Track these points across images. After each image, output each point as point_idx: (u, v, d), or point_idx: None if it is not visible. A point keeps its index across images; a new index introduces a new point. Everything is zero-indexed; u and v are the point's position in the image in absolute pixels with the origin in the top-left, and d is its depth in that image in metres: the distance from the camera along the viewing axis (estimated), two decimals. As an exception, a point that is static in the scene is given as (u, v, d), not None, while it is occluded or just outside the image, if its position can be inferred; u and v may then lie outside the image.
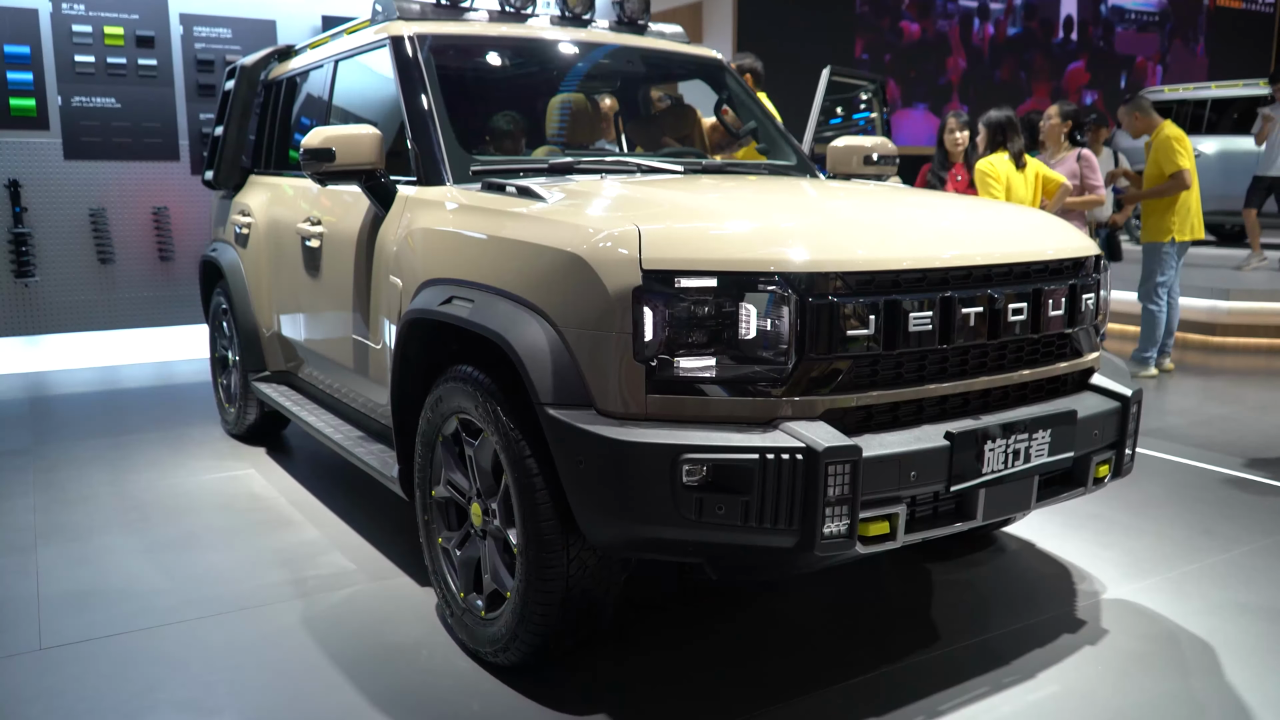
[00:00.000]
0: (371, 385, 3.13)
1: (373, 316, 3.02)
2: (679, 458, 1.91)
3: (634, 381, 2.00)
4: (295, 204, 3.82)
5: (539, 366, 2.08)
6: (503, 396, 2.25)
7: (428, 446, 2.62)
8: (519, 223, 2.35)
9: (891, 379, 2.12)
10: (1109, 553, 3.26)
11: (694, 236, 2.07)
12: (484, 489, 2.44)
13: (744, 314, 1.97)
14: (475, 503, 2.49)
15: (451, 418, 2.50)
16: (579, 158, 3.07)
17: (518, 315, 2.18)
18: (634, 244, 2.01)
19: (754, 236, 2.09)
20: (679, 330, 1.98)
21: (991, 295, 2.20)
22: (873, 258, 2.08)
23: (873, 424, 2.11)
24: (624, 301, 1.99)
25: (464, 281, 2.44)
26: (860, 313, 2.02)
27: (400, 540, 3.30)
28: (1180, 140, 5.88)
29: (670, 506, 1.93)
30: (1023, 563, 3.16)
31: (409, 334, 2.63)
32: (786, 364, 1.98)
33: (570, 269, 2.09)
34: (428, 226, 2.69)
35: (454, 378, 2.44)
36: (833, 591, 2.96)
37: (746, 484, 1.90)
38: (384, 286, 2.91)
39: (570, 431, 2.02)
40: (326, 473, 4.12)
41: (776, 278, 1.97)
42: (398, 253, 2.83)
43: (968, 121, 5.70)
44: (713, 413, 2.00)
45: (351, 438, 3.29)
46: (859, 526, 1.96)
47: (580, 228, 2.15)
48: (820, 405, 2.02)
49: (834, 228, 2.20)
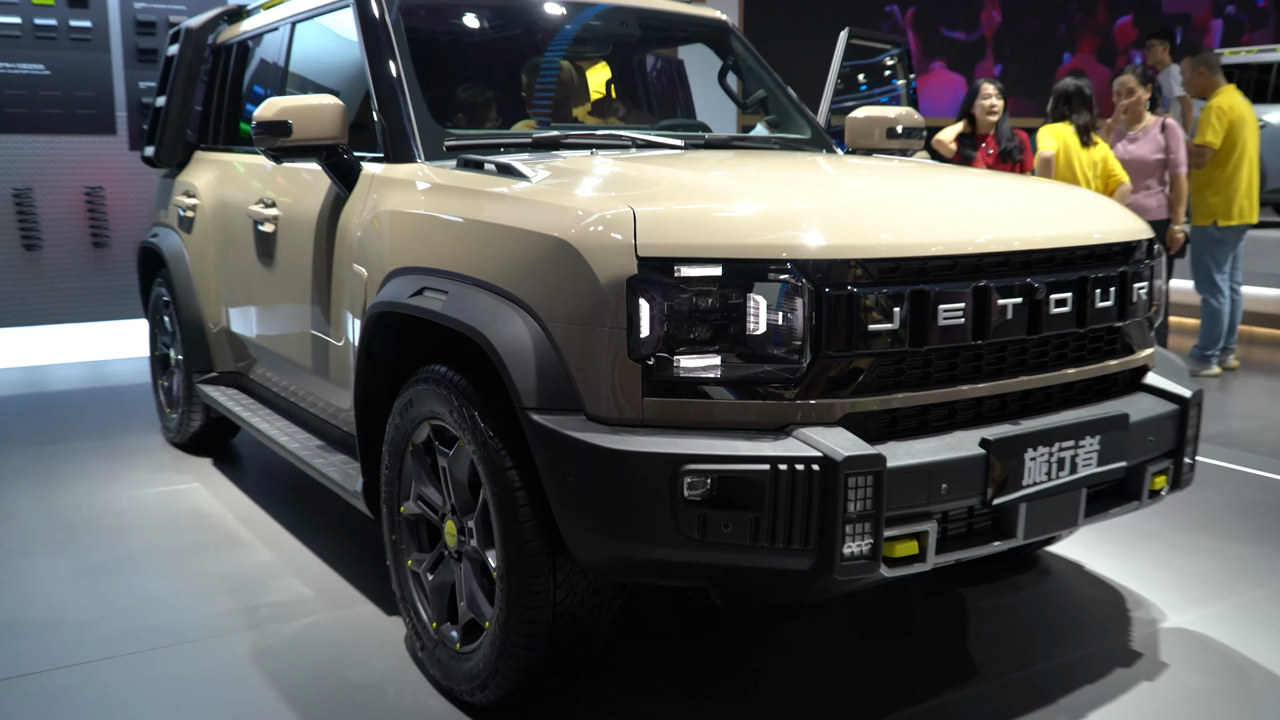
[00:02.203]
0: (332, 387, 3.13)
1: (334, 310, 3.03)
2: (680, 469, 1.91)
3: (629, 383, 2.01)
4: (247, 183, 3.81)
5: (521, 366, 2.09)
6: (481, 400, 2.25)
7: (396, 457, 2.62)
8: (499, 204, 2.36)
9: (919, 379, 2.12)
10: (1167, 575, 3.26)
11: (696, 219, 2.08)
12: (459, 505, 2.44)
13: (752, 306, 1.98)
14: (449, 520, 2.49)
15: (423, 424, 2.50)
16: (566, 131, 3.07)
17: (497, 309, 2.18)
18: (628, 228, 2.01)
19: (763, 219, 2.10)
20: (679, 325, 1.98)
21: (1032, 284, 2.20)
22: (897, 242, 2.08)
23: (898, 430, 2.11)
24: (617, 292, 1.99)
25: (437, 270, 2.44)
26: (883, 304, 2.03)
27: (365, 563, 3.31)
28: (1225, 112, 5.87)
29: (670, 524, 1.94)
30: (1070, 587, 3.16)
31: (375, 329, 2.63)
32: (800, 363, 1.99)
33: (557, 256, 2.09)
34: (396, 209, 2.69)
35: (426, 379, 2.44)
36: (854, 621, 2.96)
37: (756, 499, 1.90)
38: (347, 276, 2.91)
39: (557, 439, 2.02)
40: (281, 487, 4.12)
41: (789, 265, 1.97)
42: (362, 238, 2.83)
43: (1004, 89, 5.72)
44: (718, 418, 2.00)
45: (310, 447, 3.29)
46: (883, 546, 1.96)
47: (568, 210, 2.16)
48: (839, 409, 2.02)
49: (853, 209, 2.21)
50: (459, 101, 3.36)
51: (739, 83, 3.86)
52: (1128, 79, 5.89)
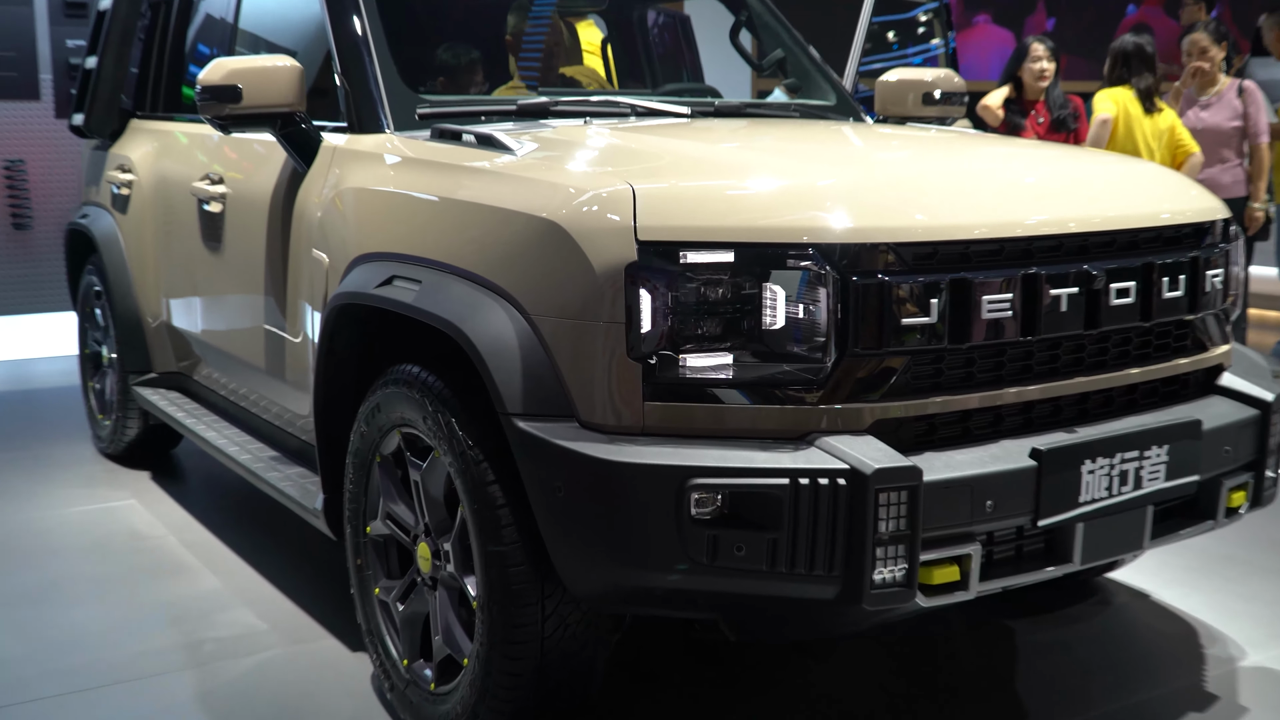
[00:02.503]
0: (289, 390, 3.13)
1: (290, 302, 3.03)
2: (686, 484, 1.93)
3: (628, 385, 2.02)
4: (190, 157, 3.81)
5: (505, 366, 2.09)
6: (459, 405, 2.26)
7: (361, 470, 2.63)
8: (479, 181, 2.37)
9: (960, 381, 2.12)
10: (1247, 606, 3.24)
11: (704, 198, 2.09)
12: (434, 525, 2.45)
13: (769, 297, 1.99)
14: (423, 543, 2.49)
15: (392, 432, 2.51)
16: (556, 97, 3.08)
17: (477, 300, 2.19)
18: (627, 208, 2.02)
19: (781, 197, 2.11)
20: (685, 319, 1.99)
21: (1089, 271, 2.20)
22: (935, 223, 2.09)
23: (936, 439, 2.12)
24: (614, 282, 2.01)
25: (408, 257, 2.45)
26: (919, 295, 2.03)
27: (326, 592, 3.30)
28: None
29: (675, 547, 1.95)
30: (1135, 619, 3.15)
31: (337, 324, 2.64)
32: (824, 362, 2.00)
33: (545, 241, 2.10)
34: (361, 186, 2.70)
35: (395, 381, 2.44)
36: (886, 658, 2.94)
37: (773, 517, 1.91)
38: (305, 263, 2.91)
39: (545, 450, 2.03)
40: (230, 504, 4.11)
41: (810, 250, 1.98)
42: (323, 220, 2.83)
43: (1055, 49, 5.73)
44: (729, 425, 2.01)
45: (263, 458, 3.29)
46: (920, 572, 1.96)
47: (558, 187, 2.17)
48: (868, 415, 2.03)
49: (884, 185, 2.22)
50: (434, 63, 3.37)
51: (753, 41, 3.87)
52: (1199, 36, 5.87)
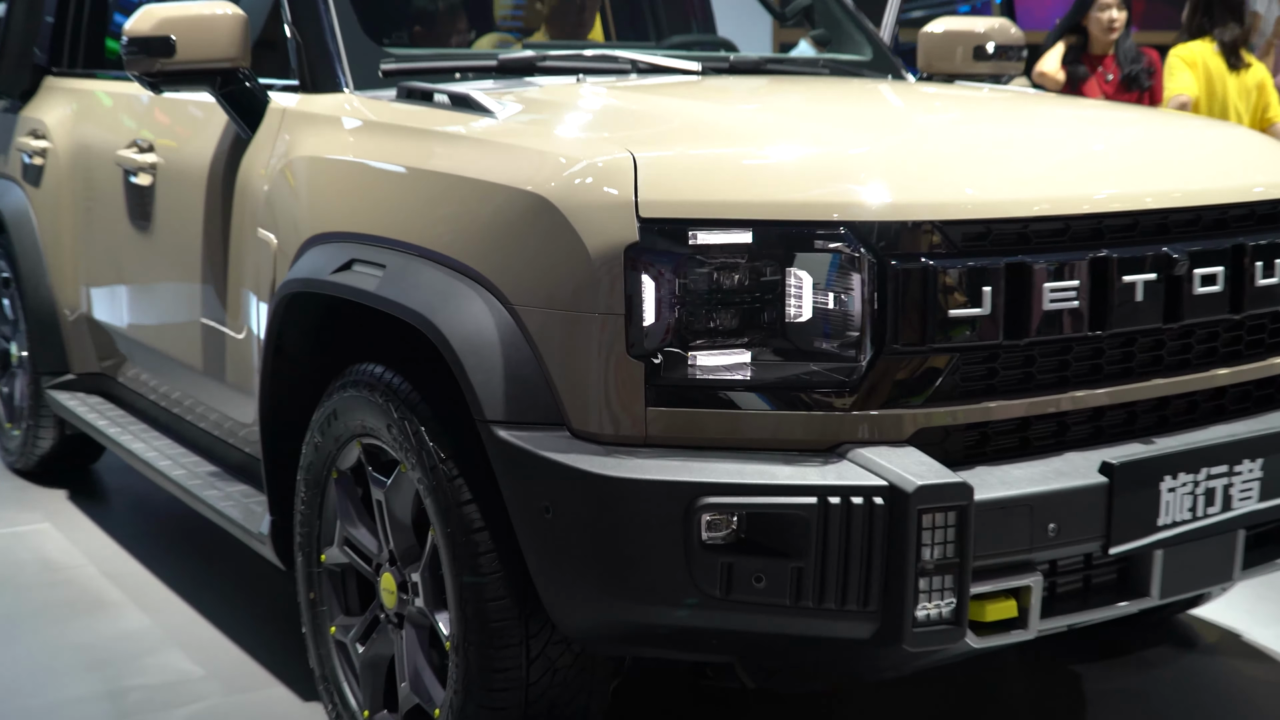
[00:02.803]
0: (230, 394, 3.14)
1: (232, 291, 3.02)
2: (696, 503, 1.93)
3: (628, 388, 2.02)
4: (115, 121, 3.82)
5: (484, 366, 2.10)
6: (429, 411, 2.26)
7: (315, 488, 2.63)
8: (453, 148, 2.37)
9: (1018, 383, 2.11)
10: (1355, 648, 3.29)
11: (717, 169, 2.09)
12: (400, 552, 2.44)
13: (794, 285, 1.99)
14: (387, 573, 2.49)
15: (351, 444, 2.51)
16: (544, 52, 3.08)
17: (451, 288, 2.20)
18: (627, 180, 2.02)
19: (808, 168, 2.11)
20: (695, 310, 1.99)
21: (1169, 254, 2.19)
22: (988, 198, 2.08)
23: (990, 451, 2.11)
24: (612, 266, 2.01)
25: (370, 237, 2.45)
26: (970, 282, 2.02)
27: (272, 631, 3.30)
28: None
29: (683, 578, 1.95)
30: (1222, 663, 3.14)
31: (287, 317, 2.64)
32: (858, 360, 2.00)
33: (531, 218, 2.11)
34: (316, 154, 2.70)
35: (355, 383, 2.45)
36: (929, 706, 2.92)
37: (799, 543, 1.92)
38: (249, 245, 2.91)
39: (532, 464, 2.04)
40: (161, 528, 4.10)
41: (842, 229, 1.98)
42: (270, 194, 2.83)
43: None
44: (746, 434, 2.02)
45: (200, 474, 3.29)
46: (971, 607, 1.96)
47: (546, 156, 2.16)
48: (909, 423, 2.03)
49: (929, 154, 2.22)
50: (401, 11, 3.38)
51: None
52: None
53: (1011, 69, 3.53)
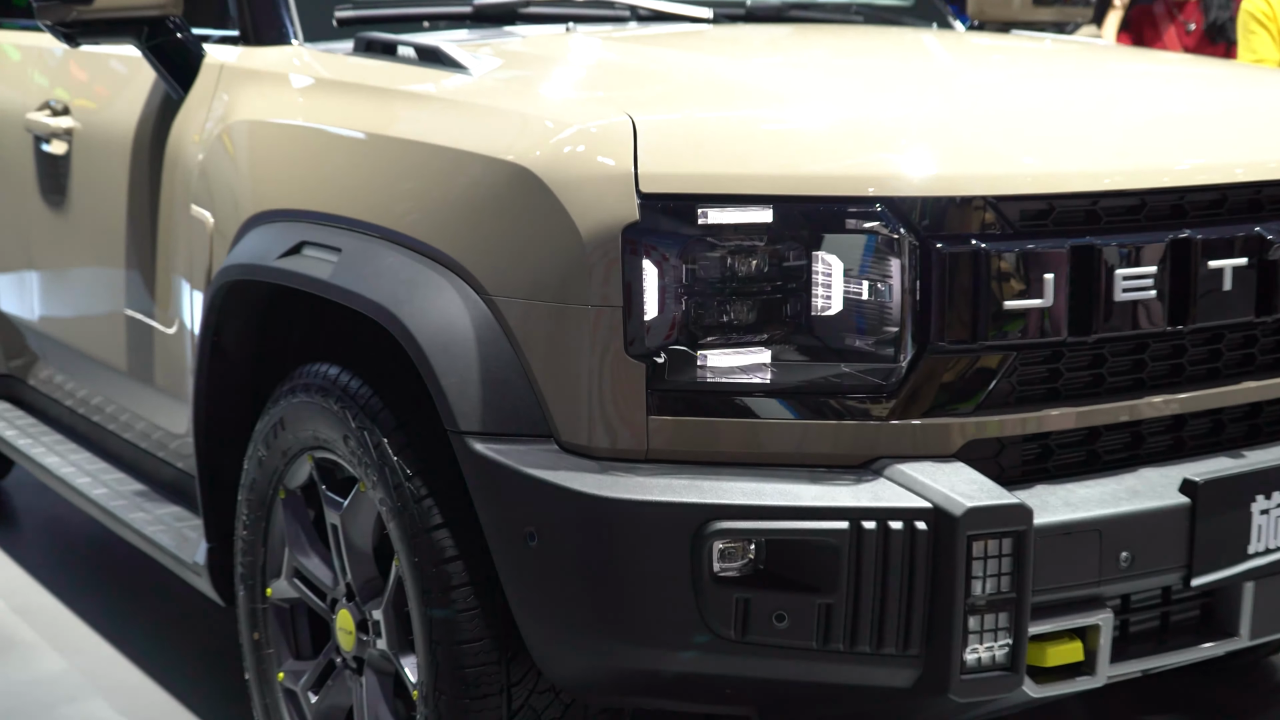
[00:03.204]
0: (159, 400, 3.06)
1: (161, 279, 2.95)
2: (706, 529, 1.88)
3: (626, 393, 1.96)
4: (23, 79, 3.72)
5: (456, 367, 2.05)
6: (393, 420, 2.21)
7: (259, 509, 2.56)
8: (422, 111, 2.34)
9: (1085, 386, 2.07)
10: None
11: (731, 135, 2.04)
12: (359, 585, 2.39)
13: (821, 271, 1.93)
14: (344, 609, 2.43)
15: (301, 458, 2.46)
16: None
17: (419, 276, 2.14)
18: (625, 147, 1.96)
19: (840, 134, 2.06)
20: (706, 301, 1.94)
21: (1263, 236, 2.14)
22: (1051, 169, 2.03)
23: (1052, 466, 2.06)
24: (608, 250, 1.94)
25: (323, 216, 2.39)
26: (1029, 267, 1.97)
27: (209, 676, 3.23)
28: None
29: (691, 616, 1.90)
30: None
31: (226, 309, 2.57)
32: (897, 360, 1.94)
33: (512, 193, 2.05)
34: (259, 118, 2.64)
35: (306, 387, 2.38)
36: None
37: (828, 575, 1.86)
38: (181, 225, 2.83)
39: (513, 482, 1.98)
40: (80, 557, 4.00)
41: (879, 206, 1.92)
42: (206, 165, 2.75)
43: None
44: (765, 448, 1.97)
45: (125, 494, 3.20)
46: (1030, 650, 1.91)
47: (530, 120, 2.12)
48: (957, 433, 1.98)
49: (981, 117, 2.17)
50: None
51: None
52: None
53: (1077, 16, 3.52)
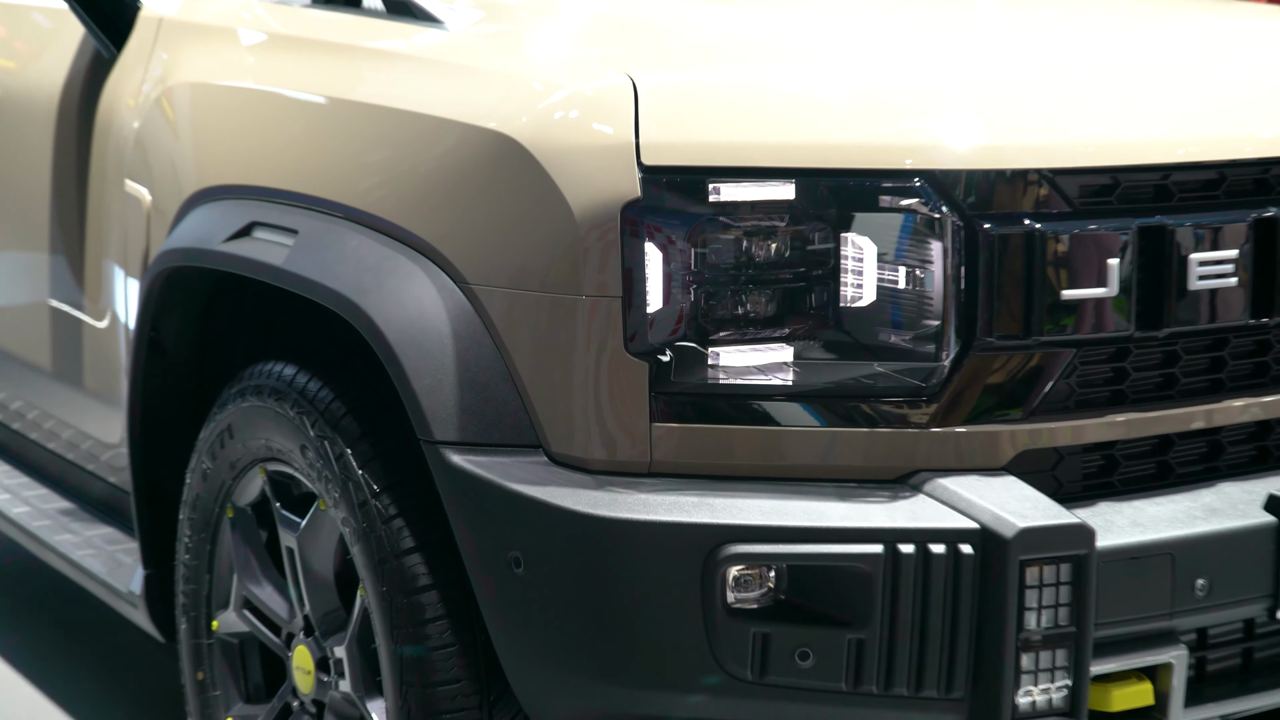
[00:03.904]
0: (89, 404, 3.01)
1: (91, 265, 2.90)
2: (719, 554, 1.81)
3: (627, 397, 1.89)
4: None
5: (431, 367, 1.98)
6: (358, 428, 2.15)
7: (204, 531, 2.51)
8: (390, 72, 2.28)
9: (1155, 388, 2.00)
10: None
11: (747, 99, 1.96)
12: (319, 618, 2.34)
13: (851, 256, 1.86)
14: (301, 646, 2.37)
15: (252, 471, 2.41)
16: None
17: (387, 262, 2.08)
18: (625, 114, 1.89)
19: (872, 98, 1.99)
20: (719, 291, 1.88)
21: None
22: (1117, 138, 1.97)
23: (1117, 481, 2.00)
24: (604, 232, 1.87)
25: (277, 193, 2.35)
26: (1091, 251, 1.90)
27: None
28: None
29: (702, 654, 1.84)
30: None
31: (165, 299, 2.51)
32: (939, 358, 1.87)
33: (494, 167, 1.99)
34: (204, 80, 2.60)
35: (257, 389, 2.33)
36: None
37: (859, 607, 1.81)
38: (114, 203, 2.79)
39: (496, 500, 1.92)
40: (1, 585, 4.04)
41: (918, 181, 1.85)
42: (142, 134, 2.70)
43: None
44: (787, 459, 1.91)
45: (49, 513, 3.15)
46: (1092, 693, 1.86)
47: (515, 82, 2.07)
48: (1008, 442, 1.91)
49: (1036, 77, 2.10)
50: None
51: None
52: None
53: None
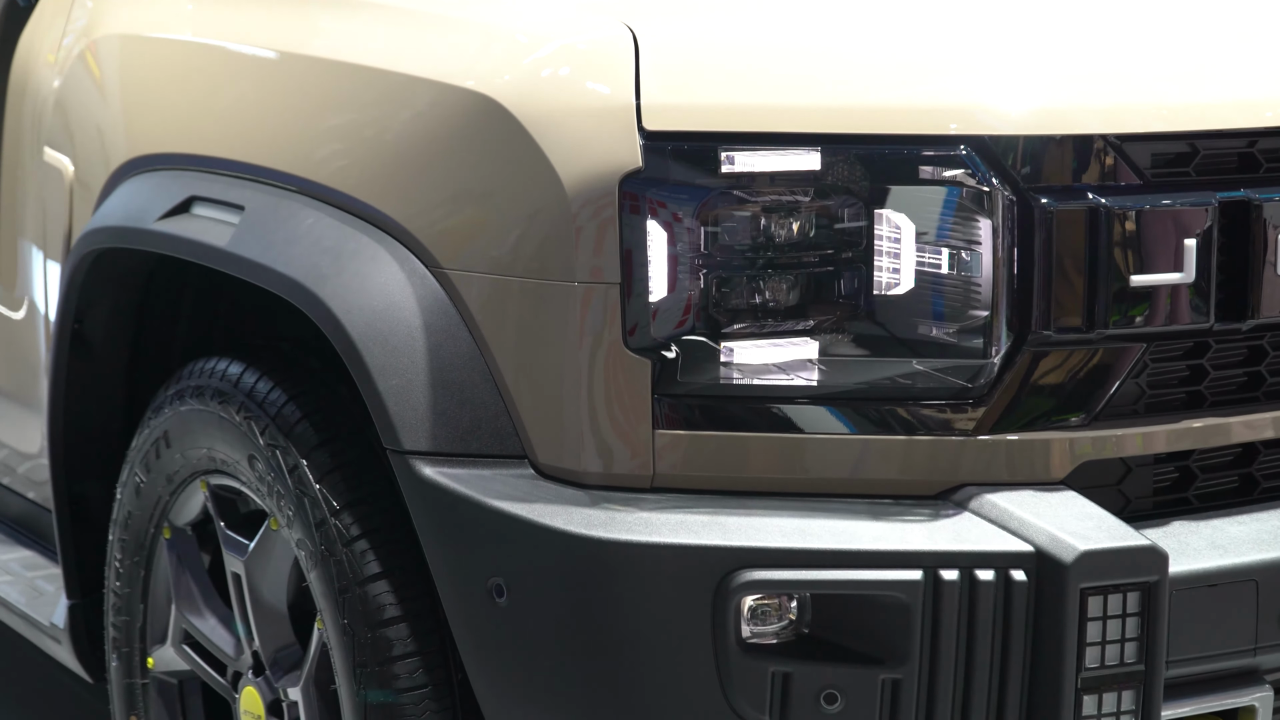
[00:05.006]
0: (3, 409, 3.01)
1: (3, 245, 2.90)
2: (733, 581, 1.73)
3: (626, 399, 1.83)
4: None
5: (398, 365, 1.91)
6: (315, 435, 2.08)
7: (138, 554, 2.44)
8: (351, 21, 2.21)
9: (1238, 390, 1.94)
10: None
11: (765, 55, 1.91)
12: (271, 654, 2.27)
13: (886, 236, 1.80)
14: (250, 686, 2.30)
15: (193, 486, 2.34)
16: None
17: (347, 243, 2.01)
18: (624, 70, 1.83)
19: (910, 53, 1.94)
20: (732, 276, 1.83)
21: None
22: (1193, 100, 1.91)
23: (1194, 496, 1.94)
24: (600, 208, 1.81)
25: (220, 162, 2.29)
26: (1164, 231, 1.84)
27: None
28: None
29: (713, 696, 1.76)
30: None
31: (91, 286, 2.46)
32: (988, 354, 1.80)
33: (472, 133, 1.93)
34: (134, 32, 2.54)
35: (198, 390, 2.26)
36: None
37: (896, 641, 1.74)
38: (30, 174, 2.78)
39: (474, 519, 1.84)
40: None
41: (963, 149, 1.79)
42: (63, 95, 2.66)
43: None
44: (811, 472, 1.84)
45: None
46: None
47: (496, 34, 2.01)
48: (1066, 452, 1.84)
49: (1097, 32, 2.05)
50: None
51: None
52: None
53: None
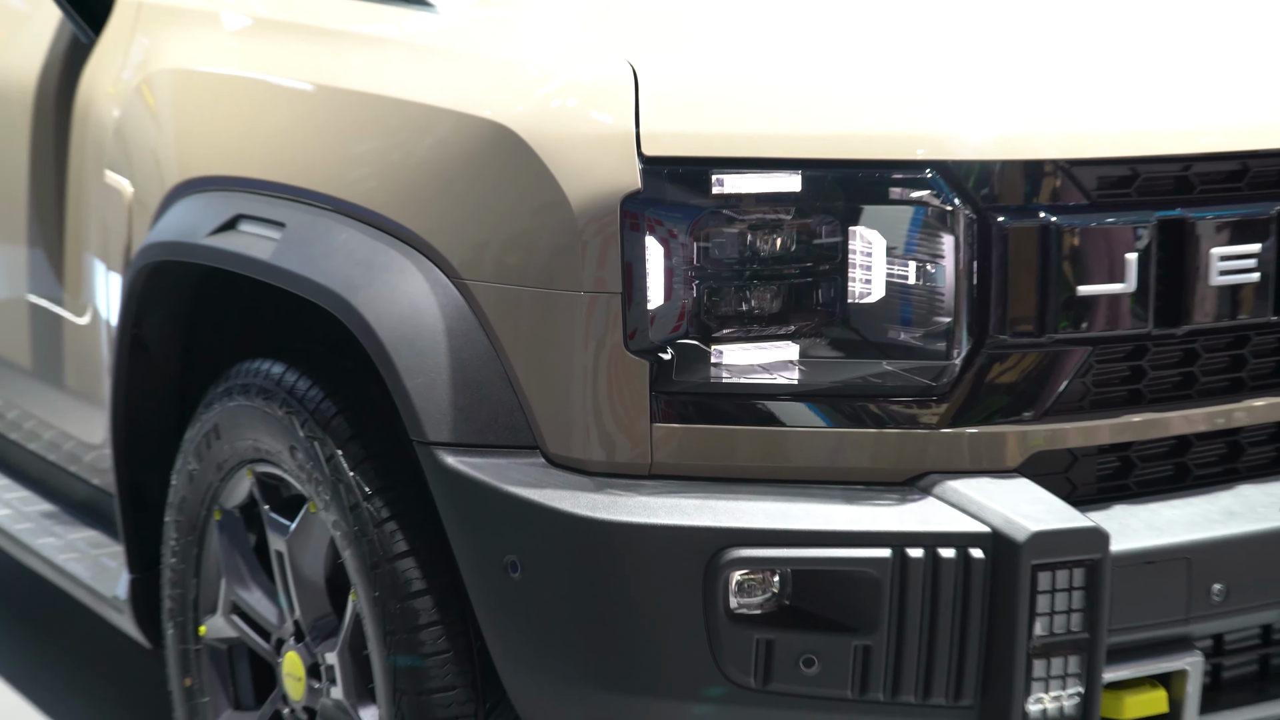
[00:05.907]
0: (71, 404, 3.04)
1: (70, 259, 2.92)
2: (722, 558, 1.82)
3: (627, 396, 1.91)
4: None
5: (423, 365, 1.99)
6: (349, 428, 2.16)
7: (191, 534, 2.51)
8: (380, 57, 2.28)
9: (1174, 388, 2.01)
10: None
11: (752, 87, 1.98)
12: (310, 624, 2.35)
13: (859, 250, 1.88)
14: (292, 652, 2.38)
15: (240, 473, 2.42)
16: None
17: (377, 257, 2.09)
18: (625, 101, 1.90)
19: (881, 86, 1.99)
20: (722, 286, 1.90)
21: None
22: (1135, 128, 1.97)
23: (1133, 483, 2.01)
24: (603, 225, 1.88)
25: (264, 184, 2.35)
26: (1109, 245, 1.92)
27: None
28: None
29: (704, 661, 1.85)
30: None
31: (148, 295, 2.51)
32: (950, 356, 1.89)
33: (488, 157, 2.00)
34: (186, 66, 2.59)
35: (245, 388, 2.34)
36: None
37: (866, 612, 1.82)
38: (94, 195, 2.80)
39: (492, 503, 1.92)
40: None
41: (929, 172, 1.86)
42: (123, 124, 2.70)
43: None
44: (792, 461, 1.92)
45: (31, 516, 3.18)
46: (1105, 700, 1.86)
47: (510, 68, 2.07)
48: (1020, 444, 1.92)
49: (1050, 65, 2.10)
50: None
51: None
52: None
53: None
